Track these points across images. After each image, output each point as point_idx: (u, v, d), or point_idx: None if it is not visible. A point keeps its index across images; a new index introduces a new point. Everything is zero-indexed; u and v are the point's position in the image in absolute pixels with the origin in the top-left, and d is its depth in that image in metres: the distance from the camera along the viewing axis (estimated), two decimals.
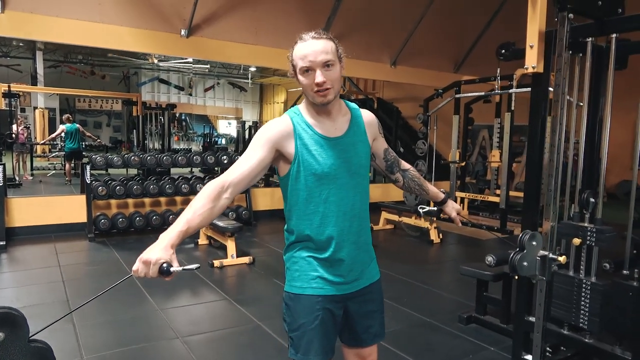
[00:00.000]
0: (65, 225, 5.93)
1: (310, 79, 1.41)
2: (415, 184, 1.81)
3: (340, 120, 1.52)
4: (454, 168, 7.72)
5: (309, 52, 1.40)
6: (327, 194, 1.46)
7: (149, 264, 1.22)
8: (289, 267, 1.54)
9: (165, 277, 1.22)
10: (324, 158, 1.45)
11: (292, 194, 1.48)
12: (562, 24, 2.11)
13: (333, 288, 1.50)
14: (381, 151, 1.70)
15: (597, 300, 2.33)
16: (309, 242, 1.49)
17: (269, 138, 1.45)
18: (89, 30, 5.77)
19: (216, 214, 1.39)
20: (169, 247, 1.26)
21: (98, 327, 3.17)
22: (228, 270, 4.61)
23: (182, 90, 21.74)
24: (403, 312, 3.59)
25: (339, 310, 1.53)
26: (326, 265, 1.49)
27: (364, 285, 1.58)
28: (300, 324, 1.49)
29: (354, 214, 1.52)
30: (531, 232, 2.13)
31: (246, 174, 1.42)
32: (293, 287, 1.51)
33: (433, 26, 8.34)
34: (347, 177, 1.49)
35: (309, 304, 1.48)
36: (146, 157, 6.41)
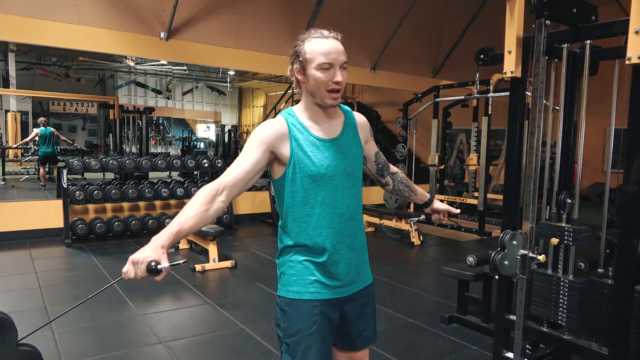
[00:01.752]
0: (41, 231, 5.80)
1: (329, 76, 1.41)
2: (404, 186, 1.81)
3: (335, 122, 1.53)
4: (433, 171, 7.83)
5: (334, 49, 1.41)
6: (323, 195, 1.46)
7: (137, 263, 1.21)
8: (285, 272, 1.51)
9: (154, 276, 1.21)
10: (320, 159, 1.45)
11: (288, 196, 1.47)
12: (539, 30, 2.19)
13: (330, 292, 1.49)
14: (372, 154, 1.70)
15: (574, 298, 2.39)
16: (305, 245, 1.48)
17: (264, 140, 1.43)
18: (65, 32, 5.67)
19: (210, 217, 1.37)
20: (158, 247, 1.25)
21: (78, 333, 3.10)
22: (210, 274, 4.58)
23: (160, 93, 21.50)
24: (386, 313, 3.62)
25: (336, 314, 1.52)
26: (323, 268, 1.48)
27: (360, 289, 1.57)
28: (297, 330, 1.46)
29: (350, 216, 1.52)
30: (512, 232, 2.19)
31: (241, 177, 1.40)
32: (290, 292, 1.48)
33: (412, 32, 8.48)
34: (342, 178, 1.49)
35: (307, 309, 1.46)
36: (125, 161, 6.32)
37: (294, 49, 1.47)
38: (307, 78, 1.44)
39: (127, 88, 20.77)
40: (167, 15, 6.13)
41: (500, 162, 9.20)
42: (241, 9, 6.84)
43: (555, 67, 2.65)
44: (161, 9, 6.13)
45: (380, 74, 8.76)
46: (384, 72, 8.78)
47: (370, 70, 8.65)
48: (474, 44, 4.34)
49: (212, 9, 6.58)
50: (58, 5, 5.59)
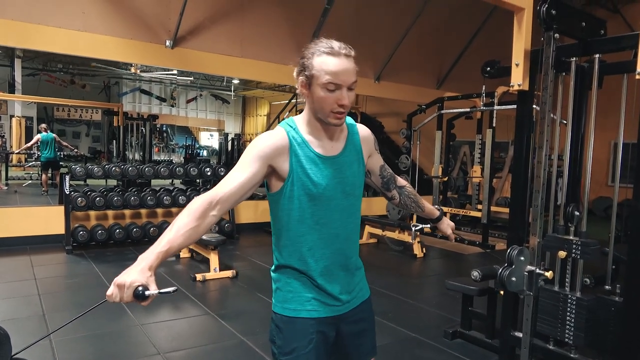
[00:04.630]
0: (42, 237, 5.77)
1: (335, 98, 1.32)
2: (412, 201, 1.74)
3: (338, 137, 1.46)
4: (437, 183, 7.79)
5: (341, 70, 1.31)
6: (320, 215, 1.40)
7: (123, 287, 1.12)
8: (281, 288, 1.47)
9: (141, 301, 1.12)
10: (319, 178, 1.38)
11: (284, 213, 1.41)
12: (548, 44, 2.16)
13: (327, 309, 1.44)
14: (377, 168, 1.63)
15: (582, 315, 2.35)
16: (299, 265, 1.43)
17: (263, 153, 1.35)
18: (72, 39, 5.69)
19: (201, 232, 1.29)
20: (146, 270, 1.16)
21: (76, 342, 3.06)
22: (211, 284, 4.53)
23: (164, 101, 21.56)
24: (388, 327, 3.57)
25: (332, 332, 1.47)
26: (319, 287, 1.44)
27: (356, 305, 1.53)
28: (293, 348, 1.41)
29: (346, 236, 1.47)
30: (519, 248, 2.15)
31: (235, 190, 1.32)
32: (286, 310, 1.44)
33: (416, 43, 8.49)
34: (341, 198, 1.43)
35: (303, 327, 1.42)
36: (127, 168, 6.30)
37: (301, 59, 1.37)
38: (312, 95, 1.35)
39: (132, 95, 20.84)
40: (173, 23, 6.16)
41: (504, 174, 9.16)
42: (247, 18, 6.87)
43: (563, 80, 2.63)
44: (167, 17, 6.16)
45: (385, 85, 8.76)
46: (388, 83, 8.78)
47: (375, 81, 8.65)
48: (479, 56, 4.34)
49: (218, 17, 6.60)
50: (65, 12, 5.61)
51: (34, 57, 15.74)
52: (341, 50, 1.32)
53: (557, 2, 2.12)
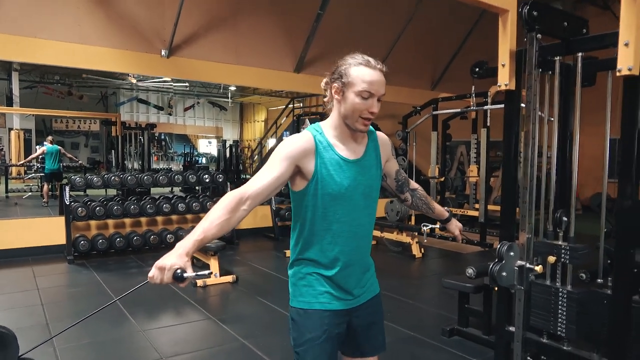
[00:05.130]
0: (43, 248, 5.82)
1: (366, 105, 1.44)
2: (423, 202, 1.86)
3: (360, 142, 1.57)
4: (434, 183, 7.85)
5: (377, 80, 1.45)
6: (341, 213, 1.50)
7: (164, 270, 1.22)
8: (296, 283, 1.56)
9: (179, 282, 1.23)
10: (342, 179, 1.49)
11: (307, 210, 1.51)
12: (531, 44, 2.22)
13: (339, 303, 1.53)
14: (393, 172, 1.74)
15: (573, 308, 2.40)
16: (318, 259, 1.52)
17: (291, 154, 1.46)
18: (68, 51, 5.76)
19: (233, 224, 1.39)
20: (183, 255, 1.26)
21: (79, 349, 3.11)
22: (211, 289, 4.58)
23: (162, 109, 21.64)
24: (387, 327, 3.56)
25: (344, 324, 1.56)
26: (333, 281, 1.52)
27: (367, 299, 1.62)
28: (307, 339, 1.50)
29: (363, 234, 1.57)
30: (509, 244, 2.21)
31: (265, 187, 1.42)
32: (301, 302, 1.53)
33: (410, 45, 8.57)
34: (360, 198, 1.53)
35: (317, 319, 1.51)
36: (126, 177, 6.36)
37: (337, 67, 1.49)
38: (345, 100, 1.47)
39: (129, 105, 20.93)
40: (167, 33, 6.23)
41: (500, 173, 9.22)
42: (241, 26, 6.95)
43: (550, 79, 2.69)
44: (162, 27, 6.23)
45: None
46: None
47: None
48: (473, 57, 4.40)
49: (212, 26, 6.68)
50: (60, 25, 5.69)
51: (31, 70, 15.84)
52: (377, 65, 1.48)
53: (539, 4, 2.19)
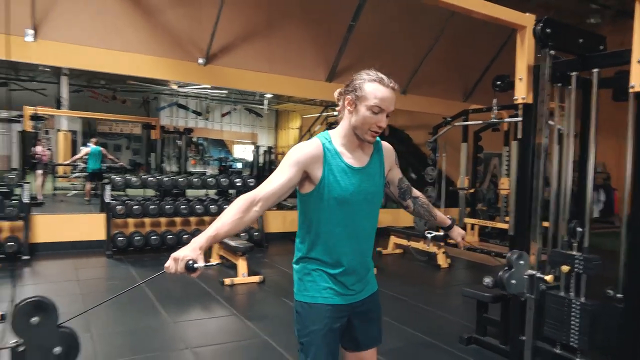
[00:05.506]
0: (85, 243, 6.17)
1: (376, 119, 1.56)
2: (425, 210, 1.95)
3: (366, 151, 1.69)
4: (463, 195, 7.83)
5: (388, 97, 1.56)
6: (345, 217, 1.62)
7: (178, 260, 1.38)
8: (301, 278, 1.69)
9: (191, 273, 1.37)
10: (347, 185, 1.60)
11: (313, 212, 1.64)
12: (544, 60, 2.30)
13: (340, 298, 1.66)
14: (396, 180, 1.85)
15: (586, 320, 2.43)
16: (322, 258, 1.65)
17: (299, 160, 1.57)
18: (112, 58, 6.14)
19: (244, 224, 1.53)
20: (196, 249, 1.41)
21: (113, 336, 3.34)
22: (238, 288, 4.77)
23: (200, 115, 22.27)
24: (405, 332, 3.70)
25: (344, 318, 1.68)
26: (336, 278, 1.65)
27: (365, 296, 1.74)
28: (310, 330, 1.63)
29: (364, 238, 1.69)
30: (519, 252, 2.28)
31: (276, 191, 1.56)
32: (305, 296, 1.66)
33: (442, 56, 8.61)
34: (363, 204, 1.65)
35: (319, 312, 1.63)
36: (163, 179, 6.68)
37: (353, 81, 1.60)
38: (356, 112, 1.58)
39: (169, 110, 21.65)
40: (205, 42, 6.53)
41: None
42: (275, 36, 7.19)
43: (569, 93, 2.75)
44: (200, 37, 6.54)
45: (411, 98, 8.90)
46: (415, 96, 8.92)
47: (401, 94, 8.80)
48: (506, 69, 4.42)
49: (247, 36, 6.95)
50: (106, 34, 6.07)
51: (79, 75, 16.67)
52: (389, 83, 1.59)
53: (552, 22, 2.27)
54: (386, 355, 3.16)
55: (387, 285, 4.99)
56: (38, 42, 5.66)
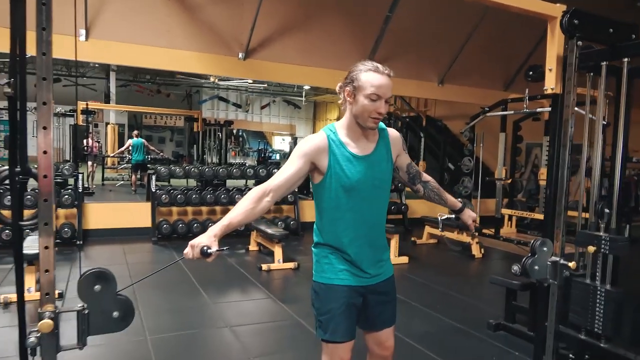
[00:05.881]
0: (132, 229, 6.56)
1: (375, 106, 1.64)
2: (435, 194, 2.02)
3: (370, 139, 1.78)
4: (500, 185, 7.75)
5: (384, 84, 1.63)
6: (353, 203, 1.73)
7: (194, 247, 1.52)
8: (319, 260, 1.81)
9: (206, 257, 1.51)
10: (353, 173, 1.70)
11: (324, 201, 1.75)
12: (571, 51, 2.33)
13: (356, 280, 1.77)
14: (405, 165, 1.93)
15: (611, 307, 2.47)
16: (335, 243, 1.76)
17: (306, 152, 1.69)
18: (159, 55, 6.46)
19: (257, 214, 1.67)
20: (211, 236, 1.54)
21: (159, 313, 3.62)
22: (274, 273, 4.99)
23: (240, 107, 22.77)
24: (436, 318, 3.79)
25: (360, 298, 1.79)
26: (349, 261, 1.76)
27: (380, 280, 1.84)
28: (329, 309, 1.75)
29: (374, 222, 1.80)
30: (542, 239, 2.34)
31: (285, 182, 1.68)
32: (323, 278, 1.78)
33: (481, 45, 8.48)
34: (370, 190, 1.75)
35: (337, 292, 1.75)
36: (204, 169, 6.99)
37: (350, 73, 1.69)
38: (356, 102, 1.67)
39: (210, 102, 22.25)
40: (244, 37, 6.74)
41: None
42: (312, 29, 7.32)
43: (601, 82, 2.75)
44: (240, 32, 6.76)
45: (448, 88, 8.83)
46: (452, 86, 8.84)
47: (438, 84, 8.75)
48: None
49: (285, 30, 7.11)
50: (154, 32, 6.39)
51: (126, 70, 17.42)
52: (384, 71, 1.68)
53: (580, 13, 2.29)
54: (417, 339, 3.28)
55: (421, 274, 5.08)
56: (90, 42, 6.02)
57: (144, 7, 6.30)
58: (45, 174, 1.28)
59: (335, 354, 1.76)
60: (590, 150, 2.81)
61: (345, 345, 1.76)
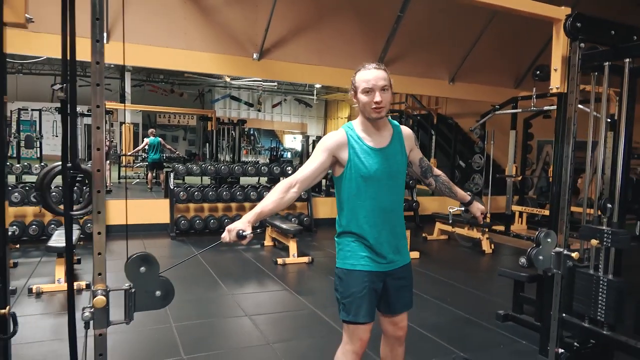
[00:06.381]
0: (152, 225, 6.79)
1: (370, 98, 1.83)
2: (445, 187, 2.20)
3: (385, 134, 1.96)
4: (510, 182, 7.84)
5: (372, 77, 1.83)
6: (372, 191, 1.90)
7: (231, 231, 1.73)
8: (342, 248, 1.98)
9: (241, 240, 1.72)
10: (371, 164, 1.89)
11: (345, 191, 1.93)
12: (574, 52, 2.46)
13: (377, 266, 1.93)
14: (417, 160, 2.12)
15: (612, 295, 2.59)
16: (356, 231, 1.92)
17: (328, 147, 1.89)
18: (176, 56, 6.66)
19: (285, 203, 1.87)
20: (245, 222, 1.76)
21: (183, 303, 3.80)
22: (289, 267, 5.17)
23: (252, 106, 23.01)
24: (446, 309, 3.94)
25: (380, 283, 1.96)
26: (371, 248, 1.92)
27: (399, 266, 2.00)
28: (351, 293, 1.91)
29: (392, 209, 1.96)
30: (546, 231, 2.48)
31: (310, 174, 1.88)
32: (346, 264, 1.95)
33: (492, 43, 8.56)
34: (387, 179, 1.92)
35: (359, 277, 1.91)
36: (220, 167, 7.19)
37: (351, 79, 1.93)
38: (358, 101, 1.89)
39: (222, 101, 22.52)
40: (259, 38, 6.92)
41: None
42: (324, 29, 7.47)
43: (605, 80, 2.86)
44: (254, 33, 6.93)
45: (460, 86, 8.92)
46: (463, 84, 8.93)
47: (449, 83, 8.85)
48: None
49: (298, 30, 7.27)
50: (170, 34, 6.59)
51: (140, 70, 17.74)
52: (371, 65, 1.89)
53: (582, 16, 2.41)
54: (429, 329, 3.43)
55: (432, 269, 5.22)
56: (111, 44, 6.23)
57: (162, 10, 6.50)
58: (98, 169, 1.46)
59: (356, 334, 1.93)
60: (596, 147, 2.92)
61: (366, 327, 1.93)
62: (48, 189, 1.83)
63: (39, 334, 3.15)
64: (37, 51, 6.47)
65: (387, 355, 2.16)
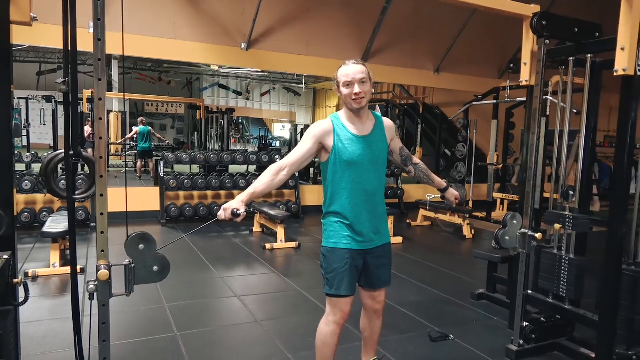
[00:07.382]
0: (142, 213, 6.93)
1: (351, 90, 2.03)
2: (424, 174, 2.40)
3: (367, 123, 2.16)
4: (492, 170, 8.09)
5: (351, 72, 2.04)
6: (355, 175, 2.09)
7: (226, 210, 1.93)
8: (326, 229, 2.18)
9: (235, 218, 1.91)
10: (353, 150, 2.08)
11: (330, 175, 2.12)
12: (540, 48, 2.65)
13: (357, 244, 2.13)
14: (397, 148, 2.31)
15: (573, 272, 2.82)
16: (339, 211, 2.12)
17: (315, 134, 2.09)
18: (164, 46, 6.74)
19: (276, 185, 2.07)
20: (239, 201, 1.96)
21: (175, 285, 3.97)
22: (277, 252, 5.36)
23: (240, 95, 23.01)
24: (425, 290, 4.16)
25: (360, 260, 2.16)
26: (352, 227, 2.11)
27: (378, 245, 2.20)
28: (334, 268, 2.11)
29: (373, 192, 2.15)
30: (512, 213, 2.70)
31: (298, 159, 2.09)
32: (329, 243, 2.15)
33: (476, 34, 8.76)
34: (369, 164, 2.12)
35: (341, 255, 2.11)
36: (209, 155, 7.32)
37: (334, 75, 2.13)
38: (341, 93, 2.11)
39: (211, 90, 22.48)
40: (247, 28, 7.03)
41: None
42: (312, 20, 7.60)
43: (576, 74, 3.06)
44: (242, 23, 7.04)
45: (444, 76, 9.12)
46: (448, 74, 9.13)
47: (434, 73, 9.03)
48: None
49: (286, 21, 7.39)
50: (159, 23, 6.67)
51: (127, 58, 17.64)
52: (350, 61, 2.10)
53: (547, 14, 2.60)
54: (407, 307, 3.65)
55: (414, 253, 5.45)
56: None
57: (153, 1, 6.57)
58: (101, 155, 1.62)
59: (338, 306, 2.13)
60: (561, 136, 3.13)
61: (347, 300, 2.14)
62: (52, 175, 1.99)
63: (37, 315, 3.31)
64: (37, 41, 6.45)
65: (366, 326, 2.37)
